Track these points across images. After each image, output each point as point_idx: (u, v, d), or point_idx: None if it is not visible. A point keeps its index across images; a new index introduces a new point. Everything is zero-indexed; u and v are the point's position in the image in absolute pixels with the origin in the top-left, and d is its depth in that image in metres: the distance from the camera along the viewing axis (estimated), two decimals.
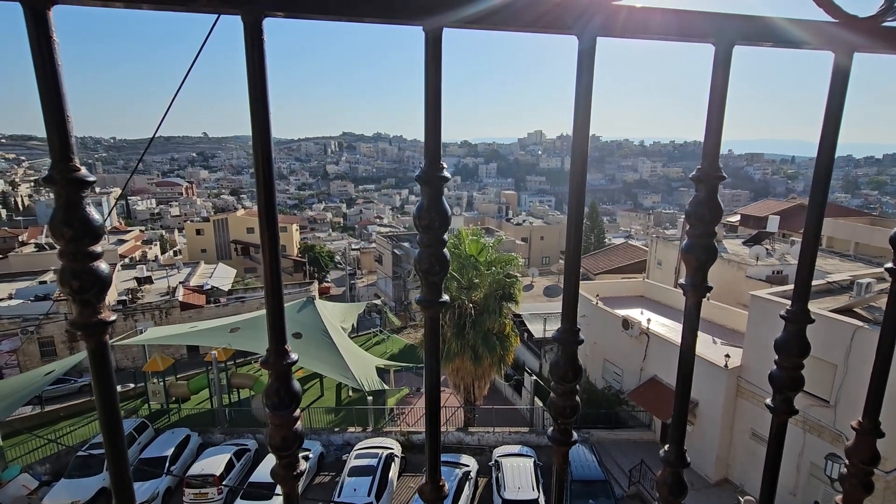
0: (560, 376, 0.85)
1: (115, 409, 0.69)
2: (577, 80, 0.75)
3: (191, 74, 4.30)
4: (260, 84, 0.66)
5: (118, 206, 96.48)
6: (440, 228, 0.74)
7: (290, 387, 0.74)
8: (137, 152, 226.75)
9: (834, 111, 0.83)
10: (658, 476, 0.94)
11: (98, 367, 0.67)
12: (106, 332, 0.67)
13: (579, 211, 0.82)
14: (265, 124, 0.67)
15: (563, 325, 0.83)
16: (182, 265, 40.98)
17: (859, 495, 1.01)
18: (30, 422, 21.09)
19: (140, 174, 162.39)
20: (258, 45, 0.65)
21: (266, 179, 0.69)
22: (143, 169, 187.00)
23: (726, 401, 16.15)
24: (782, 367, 0.93)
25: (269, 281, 0.72)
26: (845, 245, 27.10)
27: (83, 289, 0.64)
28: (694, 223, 0.84)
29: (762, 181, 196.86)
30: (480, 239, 19.96)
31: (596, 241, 61.36)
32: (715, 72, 0.79)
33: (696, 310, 0.86)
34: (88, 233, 0.62)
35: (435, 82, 0.70)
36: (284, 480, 0.77)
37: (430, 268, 0.75)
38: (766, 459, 0.98)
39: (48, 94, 0.59)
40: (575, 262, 0.81)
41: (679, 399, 0.90)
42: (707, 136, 0.81)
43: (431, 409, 0.81)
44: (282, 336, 0.73)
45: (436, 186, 0.73)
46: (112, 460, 0.70)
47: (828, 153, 0.84)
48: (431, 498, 0.82)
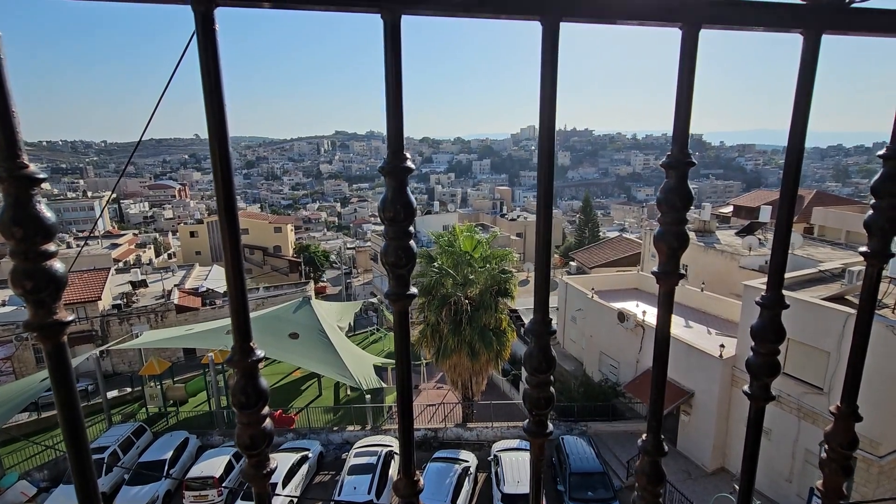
0: (534, 367, 0.84)
1: (77, 412, 0.68)
2: (542, 68, 0.74)
3: (181, 74, 4.25)
4: (214, 78, 0.64)
5: (111, 210, 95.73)
6: (405, 220, 0.73)
7: (258, 384, 0.73)
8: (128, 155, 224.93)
9: (804, 94, 0.82)
10: (636, 465, 0.94)
11: (56, 370, 0.66)
12: (63, 332, 0.65)
13: (548, 205, 0.81)
14: (221, 121, 0.66)
15: (535, 315, 0.82)
16: (177, 268, 40.75)
17: (839, 479, 1.01)
18: (27, 428, 20.98)
19: (132, 177, 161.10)
20: (210, 36, 0.63)
21: (224, 177, 0.67)
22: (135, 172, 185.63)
23: (721, 390, 16.28)
24: (758, 353, 0.93)
25: (231, 279, 0.70)
26: (836, 233, 27.28)
27: (37, 289, 0.62)
28: (665, 210, 0.83)
29: (754, 172, 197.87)
30: (475, 235, 19.95)
31: (590, 235, 61.55)
32: (682, 56, 0.78)
33: (669, 297, 0.85)
34: (40, 231, 0.61)
35: (395, 71, 0.68)
36: (255, 480, 0.76)
37: (396, 261, 0.73)
38: (746, 445, 0.98)
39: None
40: (545, 254, 0.80)
41: (655, 387, 0.89)
42: (676, 121, 0.81)
43: (404, 404, 0.80)
44: (247, 333, 0.72)
45: (399, 177, 0.71)
46: (75, 464, 0.69)
47: (799, 137, 0.84)
48: (406, 493, 0.81)
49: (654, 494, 0.93)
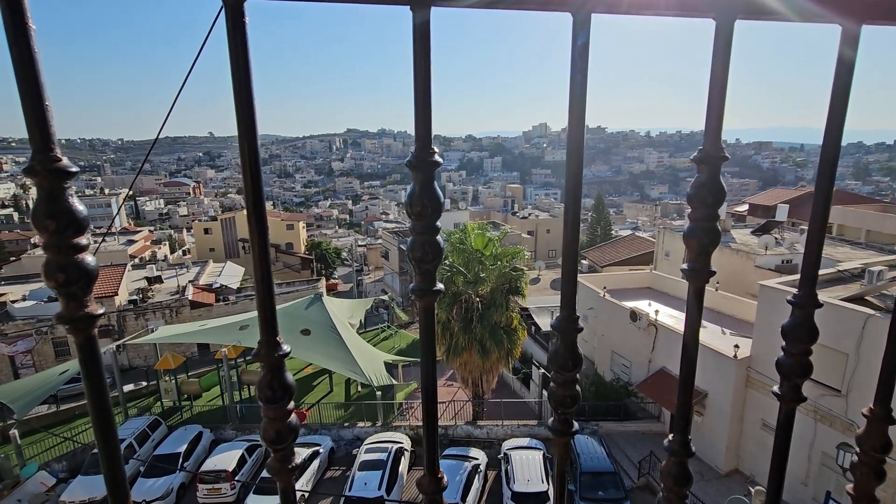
0: (560, 365, 0.83)
1: (106, 403, 0.69)
2: (573, 62, 0.73)
3: (196, 73, 4.30)
4: (244, 72, 0.64)
5: (127, 207, 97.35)
6: (433, 215, 0.72)
7: (284, 379, 0.73)
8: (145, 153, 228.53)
9: (842, 87, 0.80)
10: (663, 466, 0.92)
11: (87, 362, 0.66)
12: (94, 325, 0.66)
13: (576, 199, 0.79)
14: (251, 115, 0.66)
15: (562, 313, 0.81)
16: (191, 264, 41.32)
17: (871, 483, 0.98)
18: (46, 420, 21.46)
19: (148, 175, 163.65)
20: (240, 30, 0.63)
21: (253, 175, 0.67)
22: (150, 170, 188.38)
23: (736, 391, 16.04)
24: (790, 353, 0.90)
25: (258, 274, 0.70)
26: (856, 233, 26.73)
27: (69, 282, 0.62)
28: (696, 206, 0.81)
29: (770, 170, 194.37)
30: (486, 233, 19.91)
31: (602, 233, 61.04)
32: (716, 48, 0.76)
33: (698, 295, 0.83)
34: (72, 224, 0.61)
35: (424, 65, 0.68)
36: (280, 474, 0.76)
37: (423, 256, 0.73)
38: (774, 448, 0.96)
39: (26, 83, 0.57)
40: (572, 250, 0.79)
41: (683, 388, 0.87)
42: (709, 115, 0.79)
43: (428, 401, 0.79)
44: (273, 328, 0.72)
45: (427, 172, 0.71)
46: (104, 454, 0.69)
47: (835, 134, 0.81)
48: (430, 490, 0.81)
49: (681, 496, 0.91)
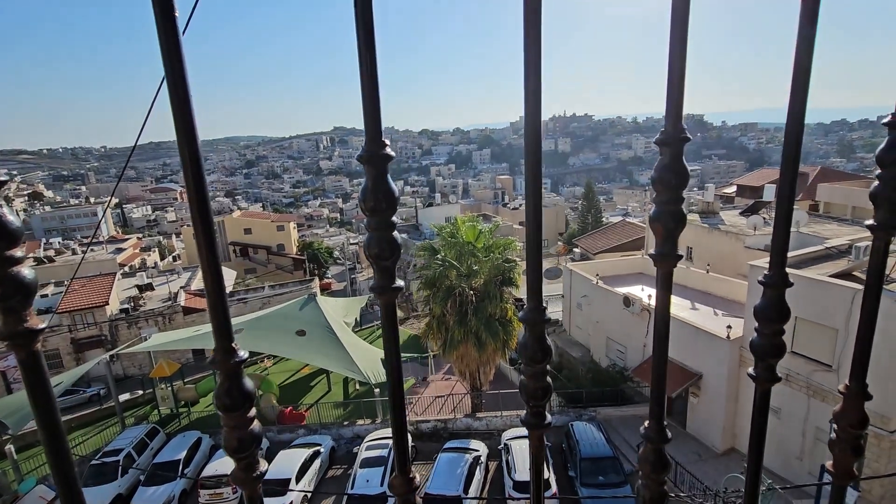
0: (529, 357, 0.82)
1: (56, 418, 0.66)
2: (525, 35, 0.69)
3: None
4: (178, 65, 0.61)
5: (114, 215, 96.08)
6: (387, 210, 0.70)
7: (242, 386, 0.71)
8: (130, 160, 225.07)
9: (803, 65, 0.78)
10: (640, 453, 0.91)
11: (32, 378, 0.64)
12: (36, 340, 0.63)
13: (537, 191, 0.77)
14: (188, 117, 0.63)
15: (529, 304, 0.79)
16: (182, 270, 40.95)
17: (849, 459, 0.98)
18: None
19: (133, 181, 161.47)
20: (171, 21, 0.60)
21: (195, 174, 0.64)
22: (136, 176, 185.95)
23: (730, 371, 16.25)
24: (762, 333, 0.90)
25: (209, 280, 0.68)
26: (842, 210, 27.02)
27: (5, 296, 0.60)
28: (660, 189, 0.79)
29: (757, 151, 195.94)
30: (477, 225, 19.89)
31: (593, 221, 61.27)
32: (673, 28, 0.74)
33: (667, 279, 0.82)
34: (3, 237, 0.58)
35: (368, 51, 0.65)
36: (244, 483, 0.74)
37: (380, 252, 0.71)
38: (752, 427, 0.95)
39: None
40: (535, 240, 0.77)
41: (656, 374, 0.86)
42: (669, 95, 0.77)
43: (395, 398, 0.77)
44: (228, 334, 0.70)
45: (379, 165, 0.69)
46: (55, 467, 0.67)
47: (799, 106, 0.80)
48: (402, 491, 0.79)
49: (659, 482, 0.90)
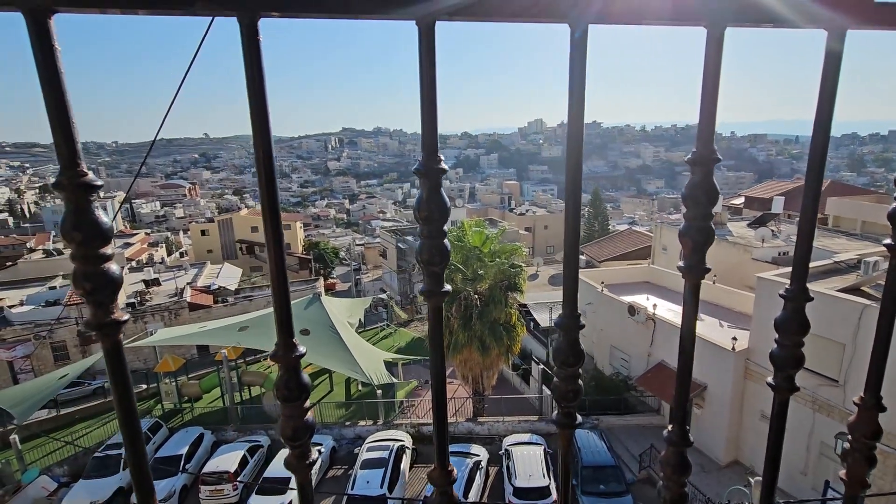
0: (562, 361, 0.87)
1: (132, 407, 0.72)
2: (571, 70, 0.76)
3: (190, 76, 4.31)
4: (258, 83, 0.67)
5: (123, 210, 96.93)
6: (440, 220, 0.76)
7: (300, 379, 0.77)
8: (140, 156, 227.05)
9: (828, 91, 0.83)
10: (662, 455, 0.96)
11: (114, 366, 0.70)
12: (119, 331, 0.69)
13: (576, 199, 0.83)
14: (264, 123, 0.69)
15: (564, 310, 0.85)
16: (189, 266, 41.22)
17: (862, 469, 1.02)
18: (47, 425, 21.44)
19: (143, 177, 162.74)
20: (254, 45, 0.66)
21: (268, 177, 0.70)
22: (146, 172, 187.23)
23: (734, 383, 16.17)
24: (783, 345, 0.94)
25: (274, 276, 0.74)
26: (852, 224, 26.86)
27: (96, 290, 0.66)
28: (690, 205, 0.85)
29: (766, 162, 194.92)
30: (484, 230, 19.96)
31: (600, 229, 61.22)
32: (708, 54, 0.79)
33: (695, 291, 0.87)
34: (98, 236, 0.64)
35: (430, 74, 0.71)
36: (297, 470, 0.79)
37: (430, 258, 0.76)
38: (769, 437, 1.00)
39: (53, 101, 0.60)
40: (573, 248, 0.83)
41: (680, 380, 0.91)
42: (701, 118, 0.82)
43: (438, 397, 0.83)
44: (289, 330, 0.75)
45: (434, 178, 0.74)
46: (131, 456, 0.73)
47: (823, 132, 0.85)
48: (441, 482, 0.84)
49: (680, 484, 0.95)
